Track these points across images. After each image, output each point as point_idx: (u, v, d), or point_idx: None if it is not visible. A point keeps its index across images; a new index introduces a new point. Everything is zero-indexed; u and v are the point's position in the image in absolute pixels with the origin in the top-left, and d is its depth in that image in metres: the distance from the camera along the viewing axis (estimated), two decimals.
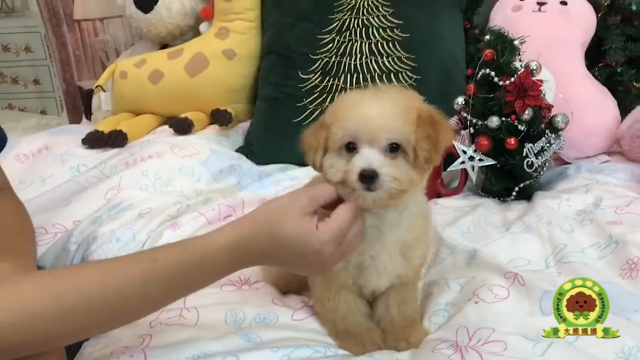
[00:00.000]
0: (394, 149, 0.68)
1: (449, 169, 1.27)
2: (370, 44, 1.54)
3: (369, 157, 0.67)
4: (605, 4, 1.59)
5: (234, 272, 0.71)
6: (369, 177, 0.66)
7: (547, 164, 1.25)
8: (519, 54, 1.26)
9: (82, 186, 1.33)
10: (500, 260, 0.92)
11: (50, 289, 0.61)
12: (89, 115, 1.85)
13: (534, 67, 1.22)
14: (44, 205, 1.27)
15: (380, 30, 1.55)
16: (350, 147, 0.70)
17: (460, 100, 1.28)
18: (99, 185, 1.30)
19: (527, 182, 1.23)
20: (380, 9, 1.57)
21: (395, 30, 1.54)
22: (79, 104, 2.50)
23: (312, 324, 0.84)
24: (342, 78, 1.52)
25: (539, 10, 1.54)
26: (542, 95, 1.22)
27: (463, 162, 1.24)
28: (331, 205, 0.70)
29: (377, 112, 0.68)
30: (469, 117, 1.25)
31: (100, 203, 1.24)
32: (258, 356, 0.73)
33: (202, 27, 1.82)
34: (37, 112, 3.07)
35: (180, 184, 1.33)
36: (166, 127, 1.62)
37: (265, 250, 0.69)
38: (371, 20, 1.56)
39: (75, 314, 0.61)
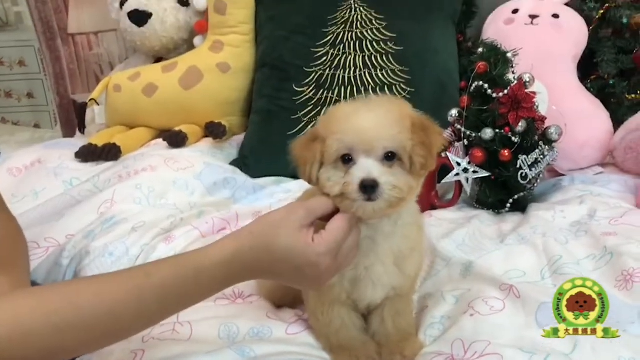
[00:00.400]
0: (390, 157, 0.68)
1: (443, 181, 1.27)
2: (364, 56, 1.55)
3: (368, 167, 0.67)
4: (597, 17, 1.60)
5: (229, 286, 0.70)
6: (370, 187, 0.66)
7: (541, 175, 1.25)
8: (512, 67, 1.26)
9: (75, 200, 1.32)
10: (495, 272, 0.91)
11: (45, 305, 0.61)
12: (82, 128, 1.85)
13: (527, 80, 1.23)
14: (37, 219, 1.26)
15: (374, 43, 1.56)
16: (346, 159, 0.69)
17: (454, 112, 1.28)
18: (92, 199, 1.29)
19: (522, 193, 1.22)
20: (374, 22, 1.58)
21: (389, 43, 1.55)
22: (73, 118, 2.50)
23: (307, 338, 0.84)
24: (336, 91, 1.52)
25: (532, 23, 1.56)
26: (535, 107, 1.22)
27: (457, 174, 1.24)
28: (327, 218, 0.70)
29: (372, 122, 0.68)
30: (462, 129, 1.25)
31: (94, 217, 1.24)
32: None
33: (197, 40, 1.83)
34: (30, 125, 3.06)
35: (174, 197, 1.33)
36: (160, 140, 1.62)
37: (262, 264, 0.68)
38: (365, 33, 1.57)
39: (71, 330, 0.61)
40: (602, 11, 1.60)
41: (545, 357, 0.71)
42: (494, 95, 1.21)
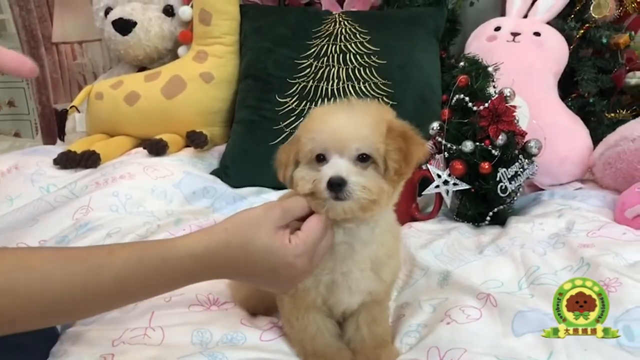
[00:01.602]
0: (363, 159, 0.68)
1: (424, 193, 1.27)
2: (347, 69, 1.55)
3: (338, 165, 0.67)
4: (577, 36, 1.63)
5: (197, 282, 0.67)
6: (336, 185, 0.65)
7: (520, 189, 1.25)
8: (493, 81, 1.27)
9: (51, 206, 1.30)
10: (473, 282, 0.91)
11: None
12: (62, 136, 1.83)
13: (508, 94, 1.24)
14: (10, 224, 1.24)
15: (358, 56, 1.56)
16: (321, 159, 0.69)
17: (435, 125, 1.29)
18: (67, 205, 1.27)
19: (501, 206, 1.23)
20: (358, 36, 1.59)
21: (372, 56, 1.56)
22: (54, 127, 2.48)
23: (281, 345, 0.82)
24: (319, 102, 1.52)
25: (513, 40, 1.58)
26: (515, 120, 1.23)
27: (438, 186, 1.24)
28: (302, 219, 0.69)
29: (346, 122, 0.68)
30: (443, 141, 1.25)
31: (68, 223, 1.22)
32: None
33: (181, 50, 1.83)
34: (10, 134, 3.01)
35: (152, 205, 1.31)
36: (140, 148, 1.61)
37: (235, 262, 0.66)
38: (349, 46, 1.58)
39: (17, 295, 0.55)
40: (582, 31, 1.63)
41: None
42: (475, 108, 1.22)
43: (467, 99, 1.23)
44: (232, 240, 0.65)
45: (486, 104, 1.21)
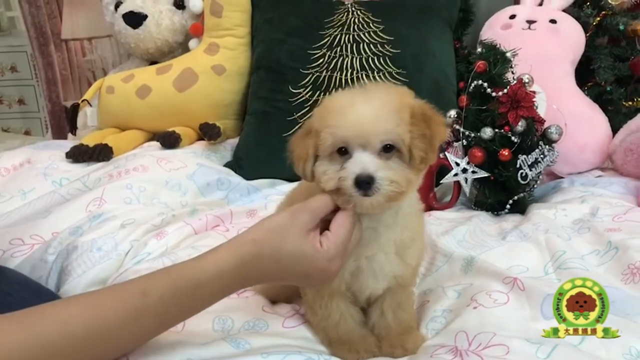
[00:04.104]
0: (388, 149, 0.66)
1: (442, 182, 1.26)
2: (361, 59, 1.53)
3: (364, 161, 0.64)
4: (593, 23, 1.60)
5: (231, 294, 0.68)
6: (365, 183, 0.63)
7: (540, 176, 1.23)
8: (512, 67, 1.25)
9: (64, 198, 1.29)
10: (498, 267, 0.89)
11: (32, 332, 0.57)
12: (74, 130, 1.81)
13: (527, 80, 1.22)
14: (23, 217, 1.23)
15: (371, 45, 1.54)
16: (343, 151, 0.67)
17: (452, 113, 1.27)
18: (80, 197, 1.26)
19: (521, 194, 1.20)
20: (371, 25, 1.57)
21: (386, 45, 1.54)
22: (65, 125, 2.47)
23: (304, 332, 0.80)
24: (332, 92, 1.50)
25: (529, 28, 1.55)
26: (535, 106, 1.20)
27: (456, 175, 1.22)
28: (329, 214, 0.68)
29: (368, 114, 0.65)
30: (461, 129, 1.23)
31: (82, 215, 1.20)
32: None
33: (192, 43, 1.81)
34: (21, 132, 3.00)
35: (166, 197, 1.30)
36: (153, 142, 1.59)
37: (266, 271, 0.66)
38: (362, 36, 1.56)
39: (63, 357, 0.58)
40: (598, 18, 1.61)
41: (553, 348, 0.68)
42: (494, 94, 1.20)
43: (485, 84, 1.21)
44: (261, 251, 0.65)
45: (505, 90, 1.19)
